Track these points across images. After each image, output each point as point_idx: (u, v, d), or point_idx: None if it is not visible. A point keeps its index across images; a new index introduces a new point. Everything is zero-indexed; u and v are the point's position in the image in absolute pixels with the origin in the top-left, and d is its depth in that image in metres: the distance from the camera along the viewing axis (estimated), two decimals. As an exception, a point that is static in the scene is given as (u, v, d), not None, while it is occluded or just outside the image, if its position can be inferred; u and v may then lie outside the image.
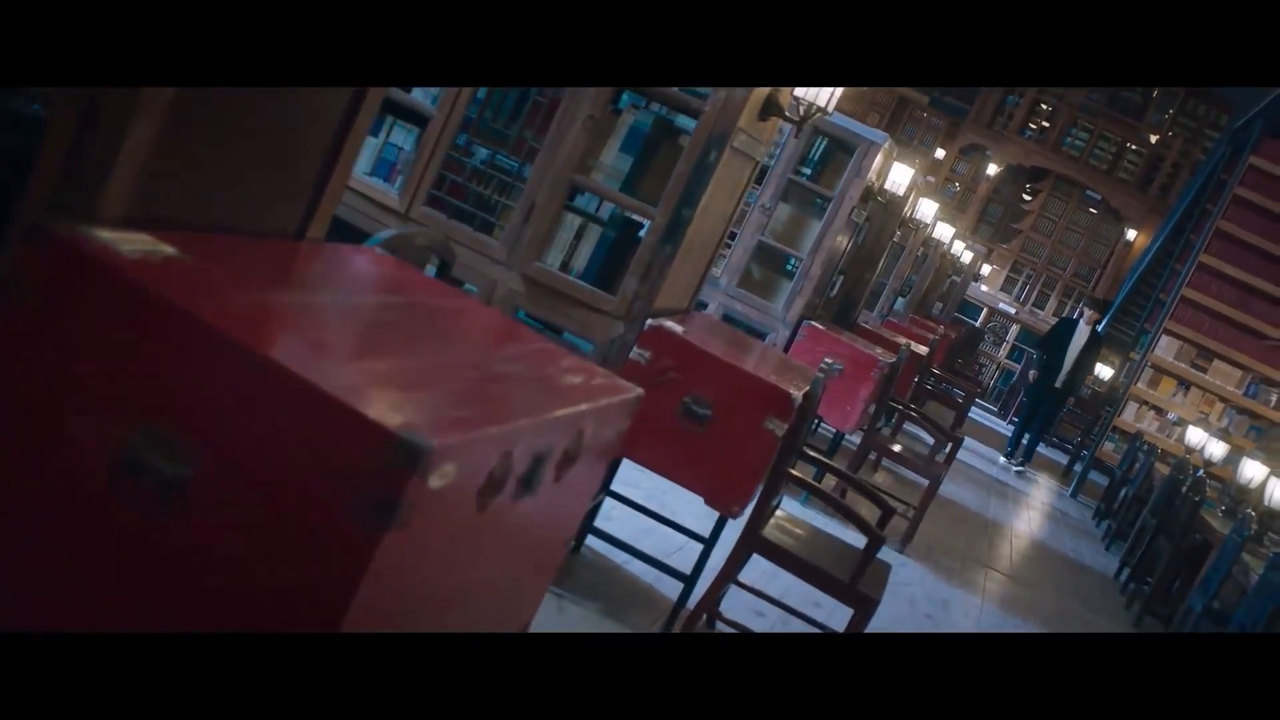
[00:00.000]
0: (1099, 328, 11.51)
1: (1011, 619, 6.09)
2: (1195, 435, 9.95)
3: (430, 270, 2.17)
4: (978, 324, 17.46)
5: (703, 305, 6.23)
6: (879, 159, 6.23)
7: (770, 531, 3.69)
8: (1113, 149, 17.60)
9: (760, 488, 3.55)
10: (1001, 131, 17.76)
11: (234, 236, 1.70)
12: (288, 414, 1.29)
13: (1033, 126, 17.90)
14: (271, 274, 1.59)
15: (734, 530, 3.70)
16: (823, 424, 7.20)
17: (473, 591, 1.60)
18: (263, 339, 1.32)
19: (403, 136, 3.97)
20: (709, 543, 3.77)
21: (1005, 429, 15.18)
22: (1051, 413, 11.52)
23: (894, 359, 6.17)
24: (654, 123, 3.79)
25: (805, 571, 3.59)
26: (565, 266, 3.80)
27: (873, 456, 7.36)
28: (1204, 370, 11.74)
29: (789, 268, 6.46)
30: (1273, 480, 7.43)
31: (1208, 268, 11.62)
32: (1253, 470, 7.95)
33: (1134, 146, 17.58)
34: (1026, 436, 11.57)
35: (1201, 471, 8.53)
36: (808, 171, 6.31)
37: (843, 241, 6.49)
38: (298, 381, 1.27)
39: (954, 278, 14.93)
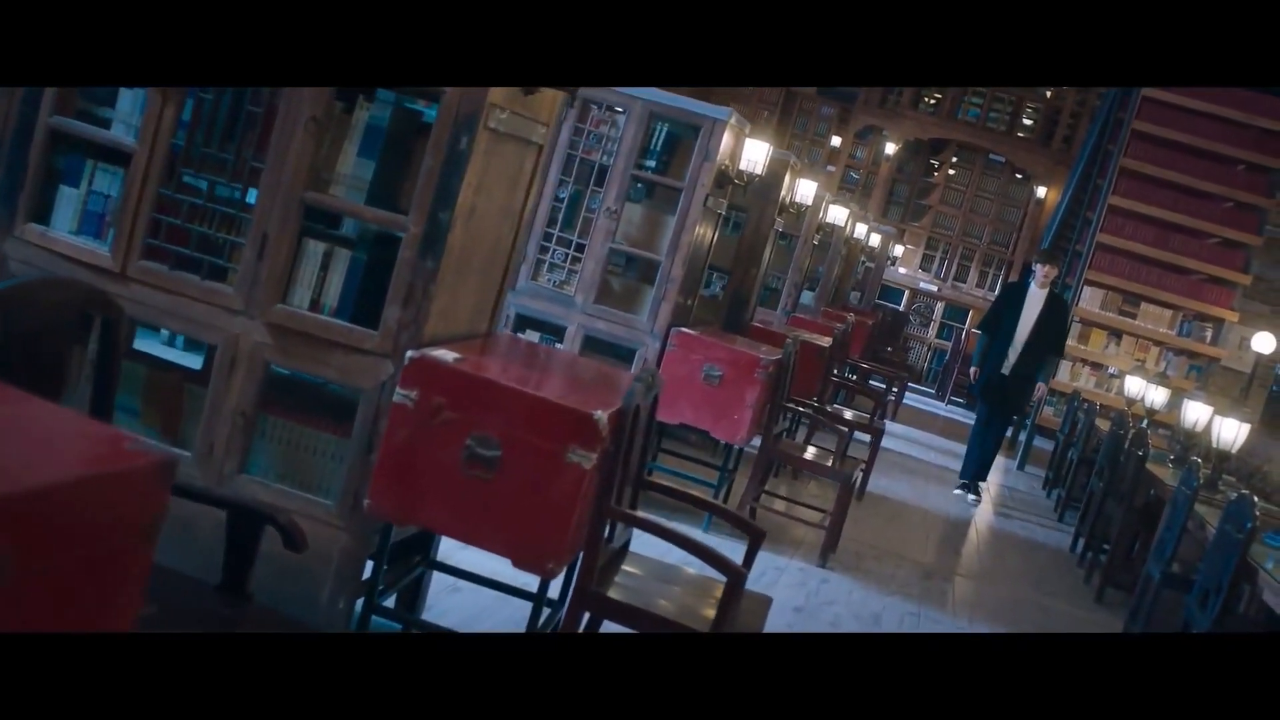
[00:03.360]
0: (1055, 287, 8.66)
1: (957, 621, 5.43)
2: (1134, 384, 9.38)
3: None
4: (900, 307, 16.91)
5: (558, 331, 5.56)
6: (728, 138, 5.59)
7: (610, 584, 3.01)
8: (1009, 109, 17.16)
9: (579, 534, 2.87)
10: (895, 109, 17.28)
11: None
12: None
13: (927, 100, 17.44)
14: None
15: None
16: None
17: None
18: None
19: (107, 182, 3.27)
20: (538, 604, 3.07)
21: (943, 410, 14.61)
22: (1005, 420, 8.75)
23: (778, 356, 5.52)
24: (393, 116, 3.11)
25: (655, 626, 2.90)
26: (315, 304, 3.11)
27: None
28: (1133, 316, 11.21)
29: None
30: (1218, 419, 6.84)
31: (1119, 209, 11.13)
32: (1196, 412, 7.35)
33: (1030, 104, 17.17)
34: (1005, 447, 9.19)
35: (1146, 422, 7.96)
36: (651, 164, 5.67)
37: (705, 234, 5.84)
38: None
39: (867, 263, 14.35)
